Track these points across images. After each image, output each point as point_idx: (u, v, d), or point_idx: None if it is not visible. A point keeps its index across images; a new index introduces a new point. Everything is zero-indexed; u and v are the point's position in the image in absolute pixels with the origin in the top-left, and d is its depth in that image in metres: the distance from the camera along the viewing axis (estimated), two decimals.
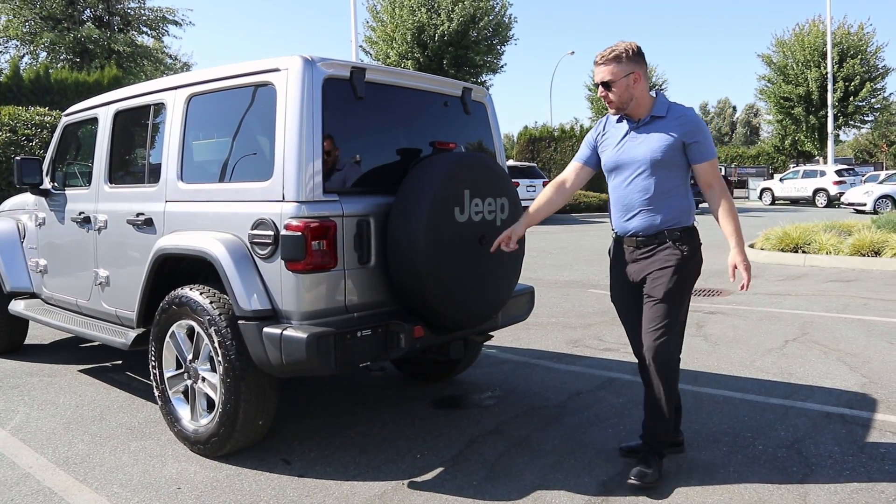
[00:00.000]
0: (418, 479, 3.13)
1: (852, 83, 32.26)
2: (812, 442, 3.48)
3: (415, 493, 2.99)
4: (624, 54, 2.95)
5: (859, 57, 32.35)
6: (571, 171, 3.26)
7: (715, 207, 2.99)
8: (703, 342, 5.60)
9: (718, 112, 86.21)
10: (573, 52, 36.56)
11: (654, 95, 3.05)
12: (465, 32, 26.35)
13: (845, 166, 30.34)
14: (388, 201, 3.28)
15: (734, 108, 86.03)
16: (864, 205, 23.37)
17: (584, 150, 3.24)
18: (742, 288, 2.95)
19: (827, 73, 31.14)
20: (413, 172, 3.30)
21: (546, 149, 29.69)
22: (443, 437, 3.64)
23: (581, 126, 35.12)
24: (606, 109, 3.18)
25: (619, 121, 3.10)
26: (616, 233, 3.15)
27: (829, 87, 30.69)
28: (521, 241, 3.41)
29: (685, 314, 3.10)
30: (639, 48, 3.01)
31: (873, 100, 33.62)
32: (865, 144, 55.29)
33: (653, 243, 3.01)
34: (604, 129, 3.18)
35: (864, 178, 29.67)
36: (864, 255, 9.66)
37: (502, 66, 28.82)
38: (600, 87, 3.02)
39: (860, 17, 56.29)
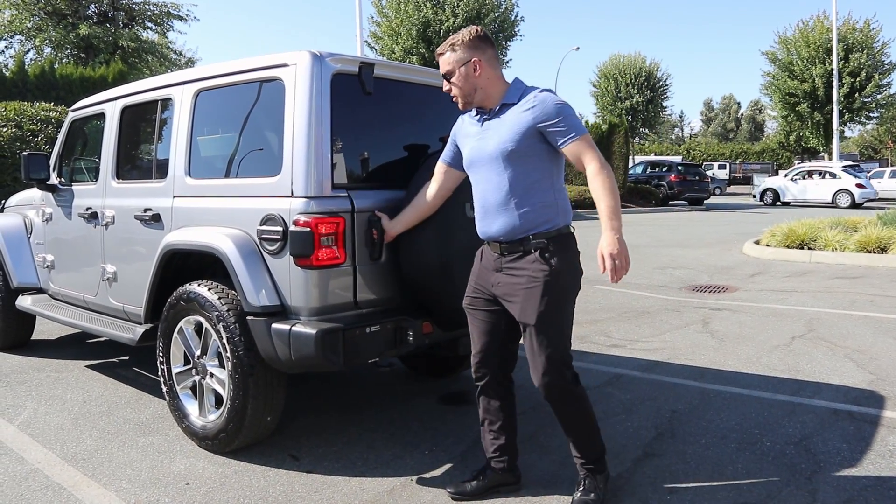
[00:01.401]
0: (427, 476, 3.14)
1: (858, 78, 32.12)
2: (820, 439, 3.47)
3: (423, 490, 2.99)
4: (459, 41, 2.71)
5: (865, 52, 32.21)
6: (434, 174, 3.04)
7: (591, 186, 2.58)
8: (709, 338, 5.59)
9: (723, 108, 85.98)
10: (578, 48, 36.41)
11: (507, 84, 2.77)
12: None
13: (850, 162, 30.23)
14: (397, 196, 3.27)
15: (739, 104, 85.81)
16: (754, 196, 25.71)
17: (447, 149, 3.00)
18: (612, 280, 2.53)
19: (832, 68, 31.01)
20: (423, 168, 3.28)
21: None
22: (451, 433, 3.64)
23: (586, 122, 35.03)
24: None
25: (475, 115, 2.82)
26: (481, 236, 2.83)
27: (835, 82, 30.54)
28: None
29: (568, 329, 2.75)
30: (480, 33, 2.74)
31: (879, 96, 33.50)
32: (870, 140, 55.10)
33: (517, 250, 2.67)
34: (462, 125, 2.91)
35: (869, 175, 29.59)
36: (870, 252, 9.63)
37: (508, 62, 28.76)
38: (443, 80, 2.80)
39: (865, 14, 56.06)
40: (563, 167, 2.78)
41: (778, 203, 27.00)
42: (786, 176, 27.94)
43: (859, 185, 24.94)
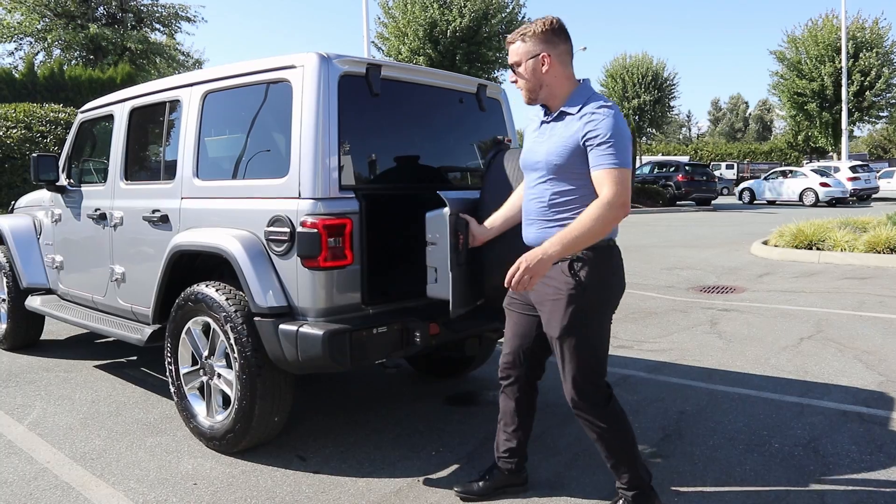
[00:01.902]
0: (434, 476, 3.14)
1: (868, 77, 31.94)
2: (829, 440, 3.45)
3: (430, 490, 3.00)
4: (531, 32, 2.54)
5: (875, 50, 32.03)
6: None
7: (585, 210, 2.42)
8: (717, 339, 5.57)
9: (731, 108, 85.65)
10: (585, 48, 36.37)
11: (580, 83, 2.61)
12: (477, 28, 26.29)
13: (860, 162, 30.09)
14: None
15: (746, 103, 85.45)
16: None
17: None
18: (506, 284, 2.44)
19: (841, 67, 30.84)
20: (494, 168, 3.18)
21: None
22: (458, 433, 3.64)
23: None
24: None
25: (542, 113, 2.66)
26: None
27: (844, 81, 30.38)
28: None
29: (598, 344, 2.60)
30: (555, 25, 2.54)
31: (889, 94, 33.29)
32: (880, 140, 54.78)
33: None
34: (530, 123, 2.76)
35: (878, 174, 29.45)
36: (879, 253, 9.57)
37: None
38: (510, 70, 2.65)
39: (874, 13, 55.67)
40: None
41: (755, 202, 28.37)
42: (764, 177, 29.20)
43: (823, 184, 25.84)
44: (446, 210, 2.92)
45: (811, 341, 5.46)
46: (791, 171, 28.00)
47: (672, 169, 28.01)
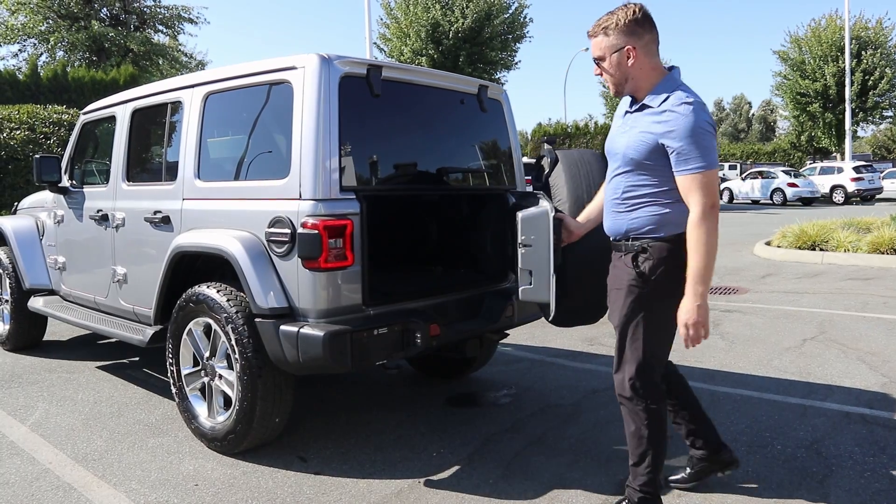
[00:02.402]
0: (434, 478, 3.13)
1: (872, 77, 31.87)
2: (832, 442, 3.44)
3: (431, 492, 2.99)
4: (613, 25, 2.45)
5: (879, 50, 31.96)
6: None
7: (687, 236, 2.39)
8: (719, 340, 5.56)
9: (734, 108, 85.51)
10: (587, 49, 36.33)
11: (668, 71, 2.54)
12: (479, 29, 26.30)
13: (863, 162, 30.03)
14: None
15: (750, 104, 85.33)
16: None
17: None
18: (686, 347, 2.43)
19: (844, 67, 30.79)
20: (569, 165, 3.17)
21: (560, 146, 29.62)
22: (458, 435, 3.64)
23: (595, 123, 34.94)
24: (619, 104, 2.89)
25: (629, 103, 2.61)
26: None
27: (847, 81, 30.30)
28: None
29: (654, 339, 2.56)
30: (638, 15, 2.45)
31: (893, 94, 33.21)
32: (884, 140, 54.64)
33: (619, 250, 2.59)
34: (618, 111, 2.73)
35: (882, 175, 29.38)
36: (883, 253, 9.53)
37: (517, 63, 28.73)
38: (595, 63, 2.59)
39: (878, 13, 55.57)
40: None
41: (733, 202, 29.43)
42: (742, 177, 30.24)
43: (791, 185, 27.17)
44: (548, 209, 2.85)
45: (814, 342, 5.45)
46: (764, 172, 29.20)
47: None
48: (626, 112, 2.60)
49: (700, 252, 2.35)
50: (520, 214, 2.94)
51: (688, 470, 2.97)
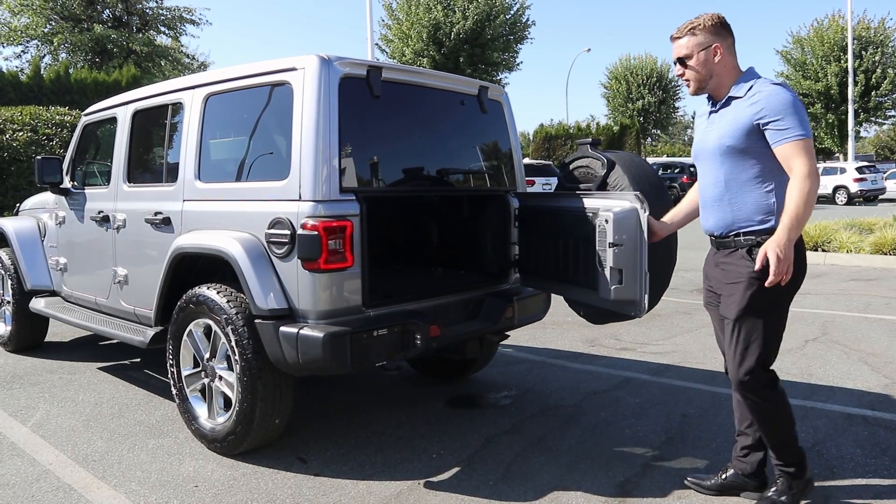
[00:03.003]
0: (434, 479, 3.13)
1: (874, 75, 31.81)
2: (833, 444, 3.43)
3: (431, 493, 2.99)
4: (700, 26, 2.65)
5: (881, 49, 31.93)
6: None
7: (788, 190, 2.49)
8: None
9: None
10: (589, 50, 36.34)
11: (739, 73, 2.71)
12: (480, 30, 26.32)
13: (866, 163, 29.98)
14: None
15: None
16: None
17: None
18: (771, 281, 2.44)
19: (847, 66, 30.75)
20: (627, 168, 3.25)
21: (562, 147, 29.58)
22: (459, 436, 3.63)
23: (597, 123, 34.93)
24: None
25: (709, 104, 2.79)
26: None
27: (850, 80, 30.25)
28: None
29: (773, 330, 2.67)
30: (721, 20, 2.69)
31: (895, 94, 33.17)
32: (887, 141, 54.56)
33: (729, 246, 2.69)
34: (699, 116, 2.91)
35: (885, 175, 29.32)
36: (885, 254, 9.51)
37: (518, 64, 28.76)
38: (677, 64, 2.74)
39: (880, 13, 55.51)
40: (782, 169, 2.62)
41: None
42: None
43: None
44: (643, 209, 2.90)
45: (816, 343, 5.43)
46: None
47: (677, 170, 27.95)
48: (711, 112, 2.75)
49: (801, 201, 2.44)
50: (612, 214, 2.97)
51: (720, 476, 2.94)
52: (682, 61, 2.70)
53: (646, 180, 3.26)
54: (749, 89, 2.60)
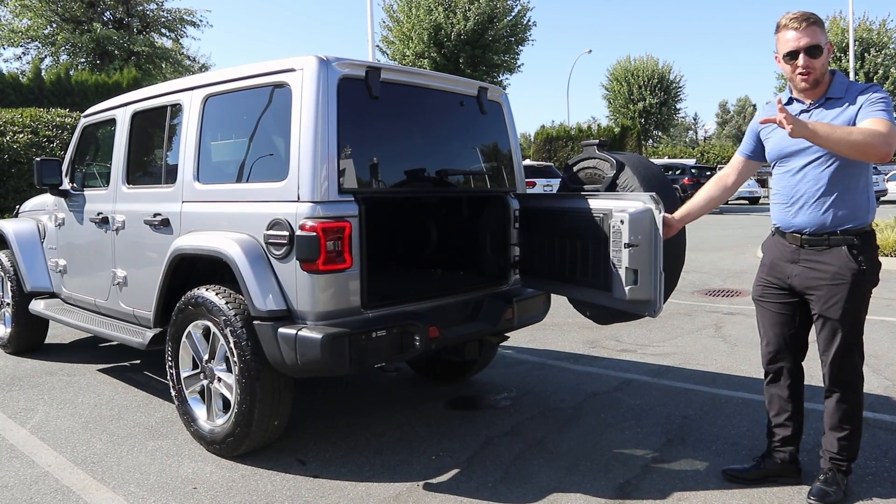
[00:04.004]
0: (433, 481, 3.12)
1: (875, 77, 31.81)
2: None
3: (430, 495, 2.98)
4: (821, 22, 2.63)
5: (882, 51, 31.93)
6: (733, 167, 3.03)
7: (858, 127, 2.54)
8: (721, 343, 5.53)
9: (738, 111, 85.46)
10: (590, 51, 36.43)
11: (831, 75, 2.73)
12: (481, 32, 26.34)
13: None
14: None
15: (754, 105, 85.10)
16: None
17: (746, 143, 2.97)
18: (776, 119, 2.46)
19: (848, 69, 30.73)
20: (636, 169, 3.29)
21: (563, 148, 29.58)
22: (458, 438, 3.62)
23: (599, 125, 34.96)
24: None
25: (787, 104, 2.76)
26: (777, 226, 2.86)
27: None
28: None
29: (863, 324, 2.80)
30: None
31: None
32: None
33: (821, 244, 2.70)
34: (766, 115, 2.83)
35: (886, 177, 29.30)
36: (887, 255, 9.49)
37: (519, 66, 28.75)
38: (801, 55, 2.63)
39: (881, 14, 55.47)
40: (871, 165, 2.75)
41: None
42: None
43: None
44: (658, 209, 2.92)
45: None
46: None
47: (678, 172, 27.94)
48: (801, 113, 2.71)
49: (848, 132, 2.47)
50: (627, 215, 2.98)
51: (759, 466, 3.02)
52: (811, 51, 2.63)
53: (655, 181, 3.28)
54: (847, 90, 2.66)
